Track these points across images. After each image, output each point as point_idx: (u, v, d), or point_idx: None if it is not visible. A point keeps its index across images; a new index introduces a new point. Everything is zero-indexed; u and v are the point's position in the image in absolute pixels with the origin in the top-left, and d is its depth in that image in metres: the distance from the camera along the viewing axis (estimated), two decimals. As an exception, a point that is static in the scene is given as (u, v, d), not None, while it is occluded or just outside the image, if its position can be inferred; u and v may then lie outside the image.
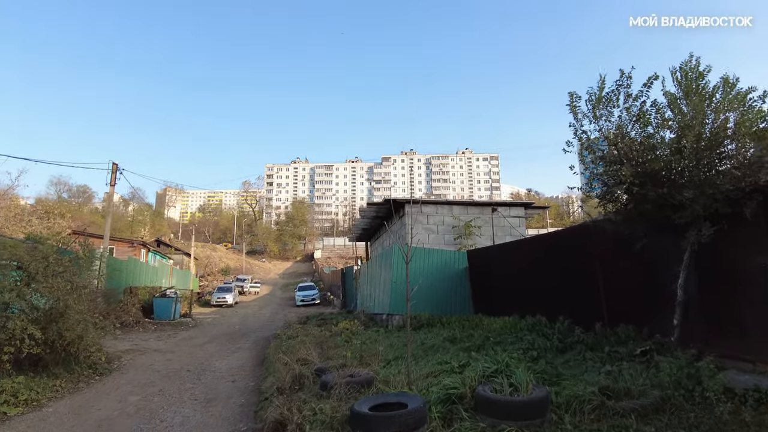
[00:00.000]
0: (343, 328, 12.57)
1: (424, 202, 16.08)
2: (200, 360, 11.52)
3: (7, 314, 6.84)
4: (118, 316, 18.22)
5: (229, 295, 35.40)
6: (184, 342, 15.05)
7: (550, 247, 10.29)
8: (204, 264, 69.84)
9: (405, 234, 15.69)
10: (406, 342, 9.61)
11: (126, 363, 10.55)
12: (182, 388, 8.17)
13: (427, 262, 13.59)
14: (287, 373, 6.50)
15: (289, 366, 6.71)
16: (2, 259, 7.06)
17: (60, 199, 70.81)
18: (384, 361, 7.74)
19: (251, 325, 21.48)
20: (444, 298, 13.35)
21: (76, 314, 7.56)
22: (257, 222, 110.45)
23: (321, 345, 9.82)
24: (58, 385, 7.52)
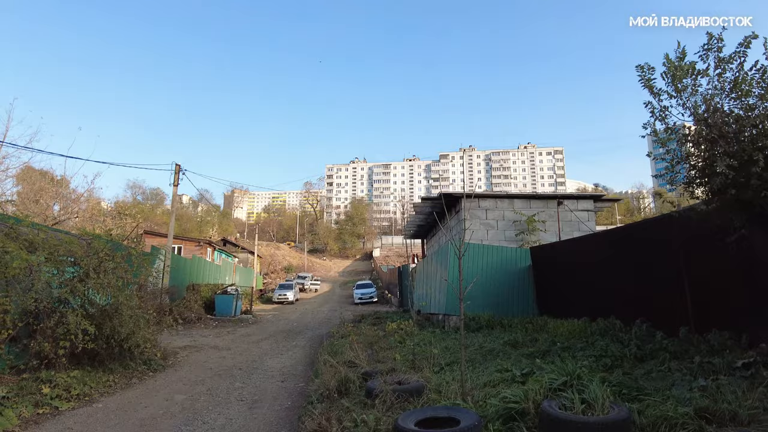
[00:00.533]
0: (396, 328, 12.03)
1: (481, 195, 15.24)
2: (254, 358, 11.43)
3: (62, 309, 6.91)
4: (180, 313, 18.86)
5: (290, 292, 36.06)
6: (242, 339, 15.17)
7: (624, 241, 9.20)
8: (268, 262, 72.03)
9: (462, 231, 14.92)
10: (455, 344, 8.96)
11: (181, 359, 10.63)
12: (231, 388, 8.00)
13: (485, 259, 12.79)
14: (332, 376, 6.07)
15: (335, 369, 6.28)
16: (59, 255, 7.16)
17: (135, 201, 75.75)
18: (437, 365, 7.13)
19: (309, 323, 21.52)
20: (505, 298, 12.50)
21: (127, 310, 7.58)
22: (318, 221, 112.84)
23: (372, 346, 9.35)
24: (111, 381, 7.56)
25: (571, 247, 11.31)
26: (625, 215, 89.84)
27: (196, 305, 21.08)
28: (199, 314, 20.28)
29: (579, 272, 10.55)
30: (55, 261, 7.13)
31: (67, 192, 32.30)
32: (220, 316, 21.54)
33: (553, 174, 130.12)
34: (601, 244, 10.23)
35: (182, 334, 16.15)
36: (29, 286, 6.44)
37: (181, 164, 23.20)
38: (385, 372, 5.99)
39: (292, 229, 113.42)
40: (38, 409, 5.84)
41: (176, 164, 23.15)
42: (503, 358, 7.46)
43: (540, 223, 14.86)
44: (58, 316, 6.82)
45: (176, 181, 22.95)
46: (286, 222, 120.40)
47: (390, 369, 6.13)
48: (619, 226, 9.16)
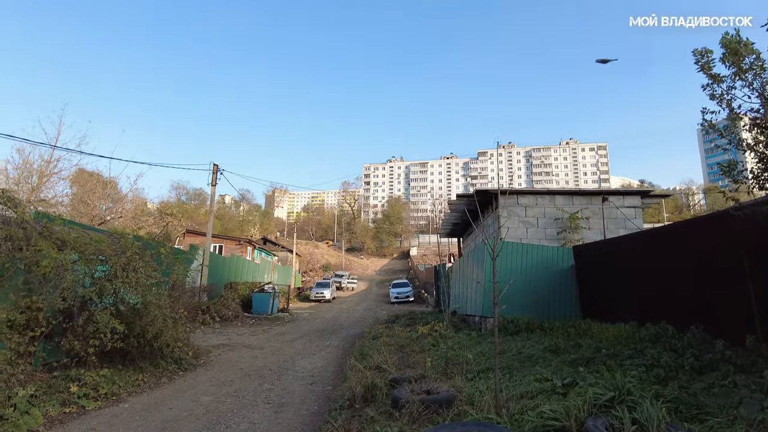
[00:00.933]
0: (430, 330, 11.64)
1: (520, 192, 14.54)
2: (285, 358, 11.31)
3: (91, 308, 6.92)
4: (217, 311, 19.09)
5: (326, 290, 36.19)
6: (276, 338, 15.15)
7: (679, 240, 8.42)
8: (307, 261, 72.89)
9: (498, 229, 14.33)
10: (500, 349, 8.47)
11: (213, 359, 10.62)
12: (258, 389, 7.84)
13: (524, 259, 12.18)
14: (358, 382, 5.76)
15: (361, 374, 5.96)
16: (89, 254, 7.19)
17: (179, 201, 78.35)
18: (471, 372, 6.70)
19: (344, 322, 21.40)
20: (545, 299, 11.86)
21: (155, 309, 7.54)
22: (355, 220, 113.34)
23: (403, 348, 9.00)
24: (141, 380, 7.54)
25: (618, 246, 10.55)
26: (673, 213, 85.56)
27: (233, 303, 21.33)
28: (237, 312, 20.50)
29: (626, 272, 9.82)
30: (86, 260, 7.16)
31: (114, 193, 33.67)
32: (257, 314, 21.73)
33: (597, 170, 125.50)
34: (651, 242, 9.45)
35: (218, 332, 16.30)
36: (58, 285, 6.45)
37: (219, 164, 23.61)
38: (415, 379, 5.63)
39: (331, 228, 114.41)
40: (65, 407, 5.82)
41: (214, 164, 23.55)
42: (543, 365, 6.94)
43: (583, 221, 14.05)
44: (86, 315, 6.84)
45: (214, 180, 23.34)
46: (325, 221, 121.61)
47: (420, 375, 5.76)
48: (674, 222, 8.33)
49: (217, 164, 23.47)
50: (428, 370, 5.92)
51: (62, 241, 7.10)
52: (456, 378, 5.80)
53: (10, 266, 6.58)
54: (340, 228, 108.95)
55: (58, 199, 27.37)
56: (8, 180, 25.68)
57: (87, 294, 6.70)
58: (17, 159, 25.78)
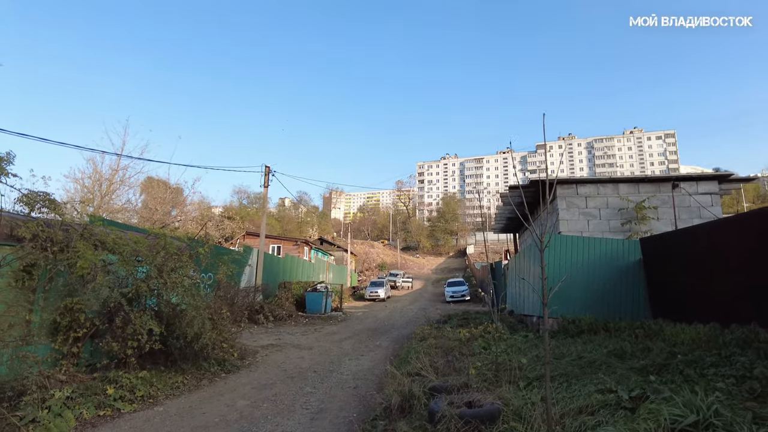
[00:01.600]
0: (483, 332, 10.93)
1: (580, 181, 13.37)
2: (332, 359, 11.01)
3: (128, 309, 6.88)
4: (271, 310, 19.23)
5: (381, 289, 35.94)
6: (326, 337, 14.94)
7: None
8: (362, 260, 73.35)
9: (557, 222, 13.27)
10: (557, 354, 7.65)
11: (259, 360, 10.48)
12: (299, 393, 7.52)
13: (585, 253, 11.16)
14: (395, 390, 5.24)
15: (398, 382, 5.44)
16: (127, 255, 7.16)
17: (241, 205, 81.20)
18: (524, 379, 5.98)
19: (396, 321, 20.95)
20: (609, 297, 10.80)
21: (193, 311, 7.42)
22: (410, 219, 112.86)
23: (451, 351, 8.38)
24: (180, 382, 7.44)
25: (694, 237, 9.31)
26: (755, 201, 78.02)
27: (287, 303, 21.48)
28: (290, 312, 20.60)
29: (704, 267, 8.63)
30: (124, 260, 7.14)
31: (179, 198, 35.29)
32: (310, 313, 21.77)
33: (665, 160, 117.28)
34: (736, 232, 8.21)
35: (271, 331, 16.36)
36: (94, 286, 6.44)
37: (270, 166, 23.91)
38: (457, 387, 5.03)
39: (386, 227, 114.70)
40: (100, 410, 5.74)
41: (266, 166, 23.88)
42: (606, 371, 6.09)
43: (651, 210, 12.71)
44: (122, 316, 6.79)
45: (266, 182, 23.66)
46: (380, 221, 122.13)
47: (463, 384, 5.15)
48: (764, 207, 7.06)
49: (269, 166, 23.78)
50: (472, 378, 5.29)
51: (101, 243, 7.12)
52: (504, 387, 5.13)
53: (52, 268, 6.64)
54: (395, 227, 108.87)
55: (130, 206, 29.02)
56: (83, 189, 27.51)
57: (116, 296, 6.64)
58: (89, 169, 27.56)
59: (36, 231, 6.38)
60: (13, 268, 6.41)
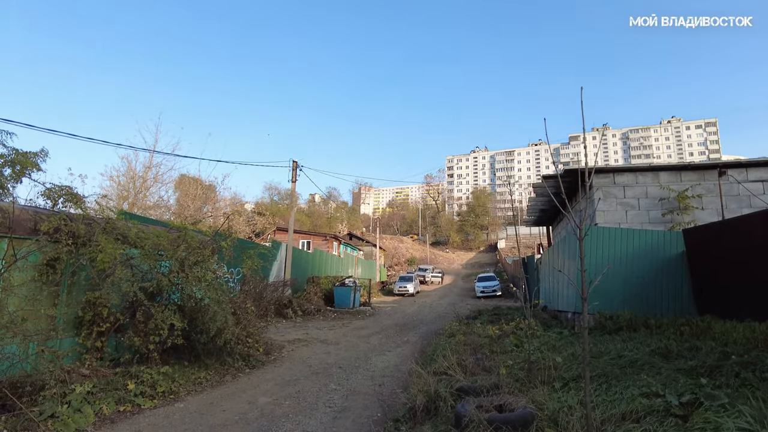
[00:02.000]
0: (515, 328, 10.49)
1: (617, 169, 12.64)
2: (359, 354, 10.79)
3: (148, 304, 6.80)
4: (300, 305, 19.22)
5: (410, 284, 35.63)
6: (353, 332, 14.76)
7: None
8: (392, 255, 73.23)
9: (593, 213, 12.62)
10: (594, 352, 7.18)
11: (285, 355, 10.35)
12: (322, 390, 7.31)
13: (623, 246, 10.55)
14: (419, 390, 4.93)
15: (424, 381, 5.12)
16: (148, 249, 7.09)
17: (272, 201, 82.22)
18: (559, 380, 5.56)
19: (425, 317, 20.61)
20: (649, 292, 10.19)
21: (215, 305, 7.29)
22: (440, 213, 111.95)
23: (481, 349, 8.00)
24: (203, 377, 7.34)
25: (746, 227, 8.58)
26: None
27: (315, 297, 21.47)
28: (319, 306, 20.56)
29: (759, 260, 7.94)
30: (147, 255, 7.07)
31: (213, 195, 35.95)
32: (338, 307, 21.70)
33: (705, 150, 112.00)
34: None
35: (299, 326, 16.30)
36: (115, 280, 6.37)
37: (297, 161, 23.91)
38: (486, 389, 4.68)
39: (415, 222, 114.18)
40: (120, 406, 5.66)
41: (293, 161, 23.91)
42: (650, 373, 5.60)
43: (695, 200, 11.89)
44: (143, 311, 6.72)
45: (294, 177, 23.67)
46: (409, 215, 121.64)
47: (493, 385, 4.79)
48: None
49: (296, 161, 23.79)
50: (503, 378, 4.92)
51: (123, 236, 7.07)
52: (538, 389, 4.75)
53: (74, 262, 6.62)
54: (425, 222, 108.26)
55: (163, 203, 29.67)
56: (119, 186, 28.27)
57: (136, 291, 6.56)
58: (124, 167, 28.31)
59: (58, 225, 6.35)
60: (36, 262, 6.41)
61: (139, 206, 27.42)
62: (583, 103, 3.97)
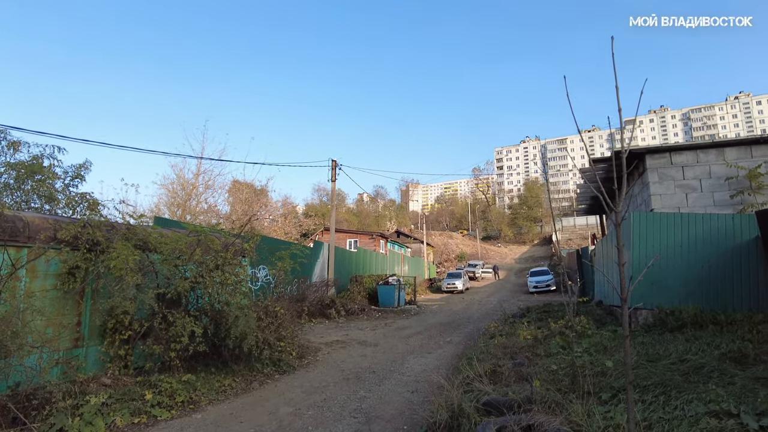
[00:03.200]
0: (563, 327, 9.63)
1: (674, 148, 11.33)
2: (396, 357, 10.31)
3: (168, 311, 6.63)
4: (343, 304, 18.99)
5: (458, 281, 34.74)
6: (395, 333, 14.29)
7: None
8: (441, 251, 72.25)
9: (648, 198, 11.41)
10: (651, 355, 6.32)
11: (320, 358, 10.03)
12: (351, 398, 6.88)
13: (684, 233, 9.47)
14: (440, 405, 4.37)
15: (447, 394, 4.55)
16: (167, 254, 6.92)
17: (321, 202, 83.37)
18: (607, 390, 4.81)
19: (473, 315, 19.82)
20: (717, 284, 9.08)
21: (236, 310, 7.03)
22: (490, 207, 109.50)
23: (521, 352, 7.29)
24: (228, 385, 7.10)
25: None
26: None
27: (359, 296, 21.19)
28: (362, 305, 20.25)
29: None
30: (166, 260, 6.91)
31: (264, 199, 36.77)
32: (383, 306, 21.31)
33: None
34: None
35: (341, 326, 16.04)
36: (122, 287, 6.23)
37: (336, 160, 23.74)
38: (517, 403, 4.06)
39: (464, 217, 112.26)
40: (135, 417, 5.46)
41: (332, 160, 23.76)
42: (720, 382, 4.73)
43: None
44: (161, 318, 6.55)
45: (333, 176, 23.52)
46: (458, 211, 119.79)
47: (525, 398, 4.15)
48: None
49: (335, 160, 23.63)
50: (537, 391, 4.24)
51: (144, 242, 6.94)
52: (578, 402, 4.05)
53: (93, 270, 6.54)
54: (474, 216, 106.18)
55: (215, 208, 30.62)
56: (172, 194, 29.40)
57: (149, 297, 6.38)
58: (173, 175, 29.41)
59: (75, 232, 6.29)
60: (57, 271, 6.39)
61: (191, 212, 28.35)
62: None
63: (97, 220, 6.75)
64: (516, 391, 4.54)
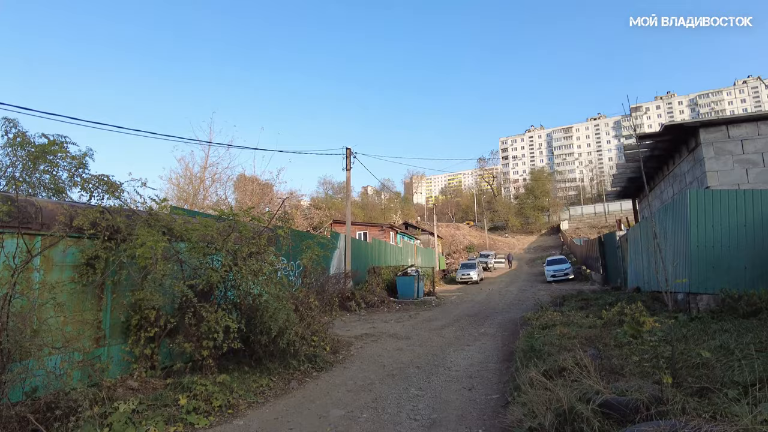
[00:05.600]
0: (618, 315, 8.90)
1: (731, 121, 10.49)
2: (434, 350, 9.63)
3: (200, 304, 5.91)
4: (362, 296, 18.34)
5: (473, 271, 34.03)
6: (423, 325, 13.60)
7: None
8: (449, 242, 71.60)
9: (702, 175, 10.61)
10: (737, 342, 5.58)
11: (354, 352, 9.34)
12: (403, 397, 6.19)
13: (749, 210, 8.70)
14: (545, 405, 3.64)
15: (549, 394, 3.82)
16: (196, 241, 6.21)
17: (327, 196, 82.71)
18: (732, 386, 4.07)
19: (496, 305, 19.12)
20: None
21: (275, 302, 6.32)
22: (496, 198, 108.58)
23: (592, 342, 6.56)
24: (266, 385, 6.41)
25: None
26: None
27: (378, 288, 20.50)
28: (382, 297, 19.58)
29: None
30: (194, 248, 6.20)
31: (270, 193, 36.06)
32: (402, 298, 20.64)
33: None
34: None
35: (363, 319, 15.37)
36: (154, 277, 5.51)
37: (351, 148, 22.97)
38: (647, 403, 3.32)
39: (470, 208, 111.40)
40: (170, 426, 4.75)
41: (347, 148, 22.97)
42: None
43: None
44: (192, 312, 5.84)
45: (348, 165, 22.75)
46: (464, 202, 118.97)
47: (653, 398, 3.41)
48: None
49: (350, 148, 22.84)
50: (666, 388, 3.47)
51: (168, 229, 6.23)
52: (712, 398, 3.30)
53: (115, 260, 5.84)
54: (480, 207, 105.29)
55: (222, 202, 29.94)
56: (179, 189, 28.72)
57: (182, 289, 5.67)
58: (180, 168, 28.72)
59: (94, 219, 5.57)
60: (75, 262, 5.68)
61: (198, 207, 27.66)
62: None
63: (115, 205, 6.02)
64: (633, 387, 3.79)
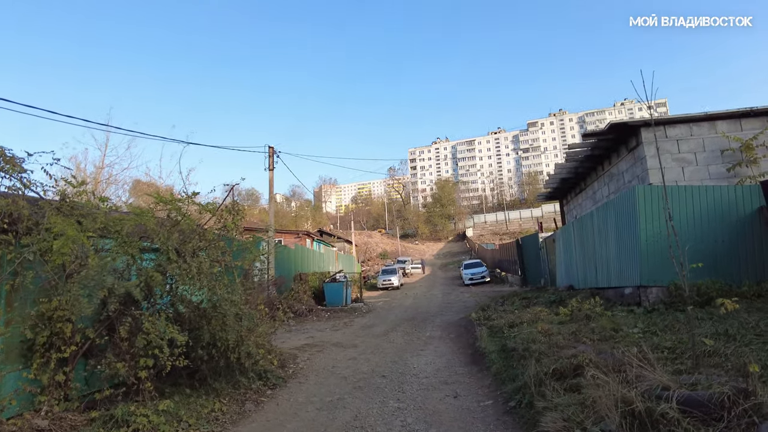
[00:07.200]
0: (575, 310, 8.90)
1: (668, 121, 11.13)
2: (391, 357, 8.88)
3: (135, 312, 4.61)
4: (290, 305, 17.02)
5: (394, 277, 33.87)
6: (363, 332, 12.79)
7: None
8: (363, 250, 71.52)
9: (643, 172, 11.09)
10: (715, 329, 5.58)
11: (303, 366, 8.28)
12: (385, 411, 5.36)
13: (689, 205, 9.14)
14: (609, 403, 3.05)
15: (609, 390, 3.23)
16: (126, 234, 4.87)
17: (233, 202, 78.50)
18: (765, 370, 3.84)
19: (428, 309, 18.84)
20: (723, 256, 8.87)
21: (228, 307, 5.17)
22: (406, 206, 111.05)
23: (578, 339, 6.24)
24: (218, 409, 5.22)
25: None
26: None
27: (305, 296, 19.24)
28: (310, 306, 18.38)
29: None
30: (125, 243, 4.85)
31: (171, 199, 32.79)
32: (330, 306, 19.58)
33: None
34: None
35: (295, 329, 14.17)
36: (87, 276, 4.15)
37: (274, 147, 21.59)
38: (731, 398, 2.88)
39: (381, 216, 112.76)
40: (106, 478, 3.49)
41: (270, 147, 21.59)
42: None
43: (762, 149, 10.58)
44: (129, 323, 4.53)
45: (271, 164, 21.35)
46: (375, 210, 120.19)
47: (738, 390, 2.98)
48: None
49: (273, 147, 21.47)
50: (754, 380, 3.04)
51: (91, 219, 4.82)
52: None
53: (14, 257, 4.34)
54: (391, 215, 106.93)
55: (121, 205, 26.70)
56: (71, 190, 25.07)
57: (127, 289, 4.37)
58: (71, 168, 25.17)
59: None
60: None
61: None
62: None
63: (13, 186, 4.51)
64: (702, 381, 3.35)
